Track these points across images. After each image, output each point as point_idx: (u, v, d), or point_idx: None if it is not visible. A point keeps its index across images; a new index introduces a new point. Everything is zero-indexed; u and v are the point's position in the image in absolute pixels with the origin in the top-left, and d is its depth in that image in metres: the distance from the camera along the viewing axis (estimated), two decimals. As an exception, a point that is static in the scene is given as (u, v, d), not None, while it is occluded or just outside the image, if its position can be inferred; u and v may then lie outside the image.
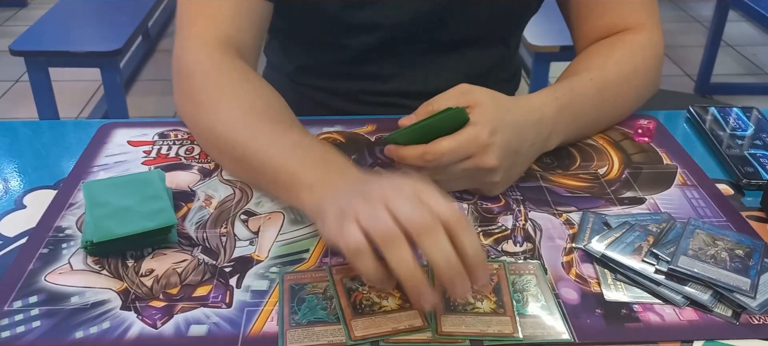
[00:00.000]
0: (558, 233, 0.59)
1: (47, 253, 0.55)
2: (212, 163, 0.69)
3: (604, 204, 0.63)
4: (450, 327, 0.48)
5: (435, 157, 0.57)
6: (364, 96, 0.84)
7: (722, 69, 2.76)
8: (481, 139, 0.57)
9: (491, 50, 0.84)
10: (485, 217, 0.61)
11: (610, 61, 0.72)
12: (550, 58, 1.99)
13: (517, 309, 0.50)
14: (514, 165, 0.62)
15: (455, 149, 0.57)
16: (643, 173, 0.68)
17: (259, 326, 0.48)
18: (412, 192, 0.47)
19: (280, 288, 0.52)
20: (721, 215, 0.61)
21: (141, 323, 0.48)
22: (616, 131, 0.76)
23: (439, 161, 0.57)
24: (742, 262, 0.53)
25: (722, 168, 0.70)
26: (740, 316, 0.50)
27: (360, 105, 0.84)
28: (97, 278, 0.53)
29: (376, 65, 0.81)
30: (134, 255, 0.55)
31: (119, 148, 0.71)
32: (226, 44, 0.69)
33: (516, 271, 0.54)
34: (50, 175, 0.67)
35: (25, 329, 0.48)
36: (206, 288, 0.52)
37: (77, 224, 0.59)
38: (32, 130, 0.76)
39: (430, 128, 0.57)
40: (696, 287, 0.51)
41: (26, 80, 2.05)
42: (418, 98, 0.83)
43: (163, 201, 0.57)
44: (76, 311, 0.49)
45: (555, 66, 1.97)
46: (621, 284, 0.53)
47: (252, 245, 0.57)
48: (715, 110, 0.80)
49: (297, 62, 0.86)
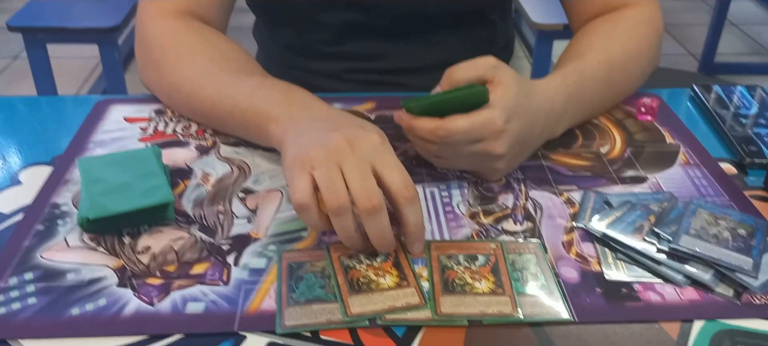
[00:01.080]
0: (559, 212, 0.58)
1: (43, 229, 0.55)
2: (210, 140, 0.68)
3: (605, 183, 0.62)
4: (449, 308, 0.48)
5: (447, 134, 0.55)
6: (351, 75, 0.83)
7: (726, 48, 2.74)
8: (496, 125, 0.55)
9: (479, 25, 0.83)
10: (485, 196, 0.60)
11: (614, 40, 0.71)
12: (553, 36, 1.97)
13: (516, 288, 0.49)
14: (519, 153, 0.61)
15: (468, 130, 0.55)
16: (645, 152, 0.67)
17: (257, 303, 0.48)
18: (367, 155, 0.49)
19: (278, 266, 0.51)
20: (723, 195, 0.61)
21: (138, 300, 0.48)
22: (619, 110, 0.75)
23: (450, 139, 0.55)
24: (745, 241, 0.52)
25: (725, 147, 0.69)
26: (742, 296, 0.49)
27: (348, 83, 0.83)
28: (94, 255, 0.52)
29: (361, 44, 0.81)
30: (131, 232, 0.55)
31: (116, 125, 0.70)
32: (186, 15, 0.71)
33: (516, 250, 0.53)
34: (46, 151, 0.66)
35: (21, 305, 0.47)
36: (203, 266, 0.51)
37: (73, 201, 0.58)
38: (29, 106, 0.75)
39: (448, 103, 0.55)
40: (697, 267, 0.51)
41: (24, 57, 2.03)
42: (405, 75, 0.83)
43: (160, 178, 0.57)
44: (72, 288, 0.49)
45: (558, 44, 1.96)
46: (621, 263, 0.52)
47: (250, 223, 0.56)
48: (719, 89, 0.79)
49: (282, 42, 0.85)
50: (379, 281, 0.50)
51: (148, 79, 0.72)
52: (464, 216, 0.58)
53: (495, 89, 0.56)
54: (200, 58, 0.68)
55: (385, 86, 0.82)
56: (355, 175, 0.48)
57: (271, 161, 0.65)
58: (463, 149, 0.57)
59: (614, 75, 0.70)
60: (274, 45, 0.87)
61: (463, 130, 0.55)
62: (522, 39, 2.68)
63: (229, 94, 0.63)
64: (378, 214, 0.48)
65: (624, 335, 0.46)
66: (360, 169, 0.49)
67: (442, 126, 0.55)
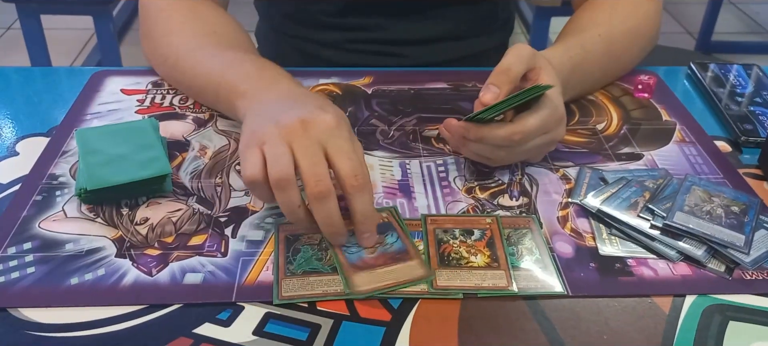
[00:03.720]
0: (554, 188, 0.59)
1: (41, 200, 0.55)
2: (207, 112, 0.68)
3: (601, 160, 0.63)
4: (445, 281, 0.48)
5: (524, 136, 0.54)
6: (352, 45, 0.83)
7: (724, 27, 2.73)
8: (560, 112, 0.56)
9: (479, 3, 0.83)
10: (482, 171, 0.61)
11: (615, 16, 0.71)
12: (551, 13, 1.96)
13: (511, 262, 0.50)
14: None
15: (541, 125, 0.54)
16: (641, 129, 0.68)
17: (255, 275, 0.48)
18: (320, 137, 0.48)
19: (275, 238, 0.52)
20: (718, 172, 0.61)
21: (136, 270, 0.48)
22: (616, 87, 0.75)
23: (526, 140, 0.55)
24: (737, 218, 0.53)
25: (721, 125, 0.70)
26: (733, 271, 0.50)
27: (348, 54, 0.83)
28: (92, 226, 0.52)
29: (364, 15, 0.80)
30: (129, 203, 0.55)
31: (112, 97, 0.70)
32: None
33: (511, 225, 0.54)
34: (43, 122, 0.66)
35: (20, 274, 0.48)
36: (201, 237, 0.52)
37: (71, 172, 0.58)
38: (24, 76, 0.75)
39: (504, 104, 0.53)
40: (690, 243, 0.51)
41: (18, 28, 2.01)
42: (406, 46, 0.83)
43: (158, 150, 0.57)
44: (71, 258, 0.49)
45: (556, 21, 1.95)
46: (615, 238, 0.53)
47: (247, 196, 0.56)
48: (716, 67, 0.79)
49: (282, 12, 0.85)
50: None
51: (146, 51, 0.73)
52: (460, 191, 0.58)
53: (540, 74, 0.56)
54: (187, 32, 0.68)
55: (385, 57, 0.82)
56: (305, 157, 0.47)
57: (268, 134, 0.65)
58: (530, 145, 0.56)
59: (615, 49, 0.70)
60: (275, 15, 0.87)
61: (536, 127, 0.55)
62: (519, 15, 2.67)
63: (206, 68, 0.64)
64: (325, 199, 0.47)
65: (616, 308, 0.47)
66: (310, 152, 0.47)
67: (517, 130, 0.54)
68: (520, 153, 0.57)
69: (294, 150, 0.48)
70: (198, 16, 0.70)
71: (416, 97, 0.72)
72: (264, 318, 0.45)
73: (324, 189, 0.47)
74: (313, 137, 0.48)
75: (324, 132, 0.49)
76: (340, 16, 0.81)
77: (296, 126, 0.49)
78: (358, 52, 0.83)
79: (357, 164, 0.48)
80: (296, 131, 0.48)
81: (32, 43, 1.90)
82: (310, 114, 0.50)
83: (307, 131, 0.48)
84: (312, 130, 0.49)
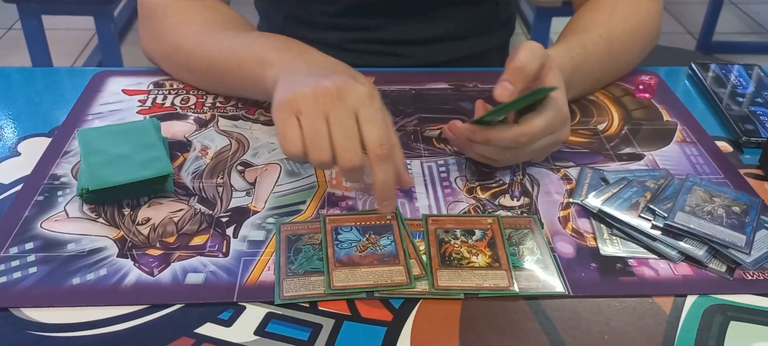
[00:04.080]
0: (555, 188, 0.59)
1: (43, 200, 0.55)
2: (208, 113, 0.68)
3: (602, 160, 0.63)
4: (446, 282, 0.48)
5: (530, 138, 0.54)
6: (353, 45, 0.83)
7: (725, 27, 2.73)
8: (564, 112, 0.56)
9: (481, 4, 0.83)
10: (483, 171, 0.61)
11: (615, 17, 0.71)
12: (551, 13, 1.96)
13: (512, 262, 0.50)
14: None
15: (547, 126, 0.55)
16: (642, 129, 0.68)
17: (256, 275, 0.49)
18: (353, 105, 0.50)
19: (276, 238, 0.52)
20: (719, 172, 0.61)
21: (138, 270, 0.49)
22: (617, 87, 0.75)
23: (533, 141, 0.55)
24: (739, 218, 0.53)
25: (722, 125, 0.70)
26: (734, 271, 0.50)
27: (349, 54, 0.83)
28: (94, 226, 0.53)
29: (365, 16, 0.81)
30: (130, 204, 0.55)
31: (114, 97, 0.70)
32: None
33: (512, 225, 0.54)
34: (44, 122, 0.66)
35: (22, 274, 0.48)
36: (203, 237, 0.52)
37: (73, 172, 0.58)
38: (25, 76, 0.75)
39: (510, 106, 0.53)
40: (691, 243, 0.51)
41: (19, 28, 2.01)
42: (407, 46, 0.83)
43: (159, 150, 0.57)
44: (73, 258, 0.49)
45: (556, 21, 1.95)
46: (617, 238, 0.53)
47: (248, 196, 0.56)
48: (717, 67, 0.79)
49: (284, 13, 0.85)
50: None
51: (150, 47, 0.73)
52: (461, 191, 0.58)
53: (548, 76, 0.56)
54: (200, 19, 0.69)
55: (386, 57, 0.82)
56: (340, 130, 0.50)
57: (269, 135, 0.65)
58: (535, 146, 0.56)
59: (616, 49, 0.70)
60: (276, 15, 0.87)
61: (542, 129, 0.55)
62: (520, 15, 2.67)
63: (228, 47, 0.64)
64: (356, 172, 0.50)
65: (617, 308, 0.47)
66: (345, 125, 0.50)
67: (524, 132, 0.54)
68: (526, 154, 0.57)
69: (329, 120, 0.50)
70: (208, 6, 0.71)
71: (417, 97, 0.72)
72: (265, 318, 0.45)
73: (356, 165, 0.50)
74: (348, 106, 0.50)
75: (357, 100, 0.51)
76: (341, 17, 0.81)
77: (332, 94, 0.50)
78: (359, 53, 0.83)
79: (384, 134, 0.50)
80: (332, 100, 0.50)
81: (33, 44, 1.90)
82: (344, 83, 0.51)
83: (342, 100, 0.50)
84: (347, 98, 0.50)
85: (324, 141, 0.50)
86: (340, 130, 0.50)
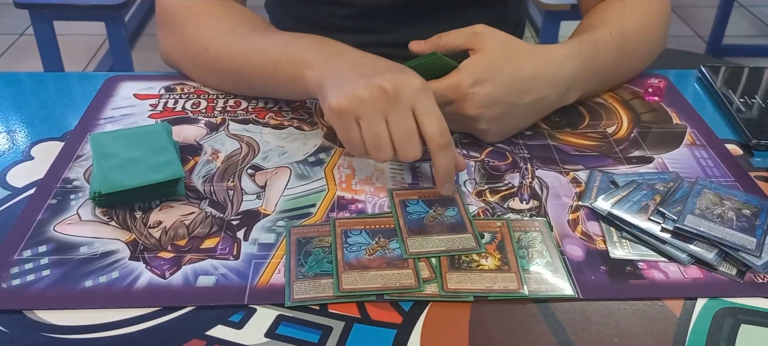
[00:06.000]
0: (565, 191, 0.59)
1: (56, 204, 0.56)
2: (219, 117, 0.68)
3: (611, 163, 0.63)
4: (455, 284, 0.48)
5: None
6: (364, 48, 0.83)
7: (734, 30, 2.72)
8: (462, 88, 0.60)
9: (492, 4, 0.84)
10: (492, 174, 0.61)
11: (625, 16, 0.72)
12: (560, 17, 1.95)
13: (522, 265, 0.50)
14: (507, 116, 0.62)
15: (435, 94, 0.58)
16: (652, 133, 0.68)
17: (267, 277, 0.49)
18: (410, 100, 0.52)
19: (287, 241, 0.52)
20: (729, 175, 0.61)
21: (150, 273, 0.49)
22: (626, 90, 0.75)
23: None
24: (749, 221, 0.53)
25: (732, 128, 0.69)
26: (745, 275, 0.50)
27: None
28: (106, 229, 0.53)
29: (376, 19, 0.81)
30: (142, 207, 0.55)
31: (125, 102, 0.71)
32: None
33: (522, 228, 0.54)
34: (57, 126, 0.67)
35: (35, 277, 0.48)
36: (214, 240, 0.52)
37: (85, 176, 0.59)
38: (37, 81, 0.76)
39: (419, 70, 0.58)
40: (701, 246, 0.51)
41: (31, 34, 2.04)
42: None
43: (171, 154, 0.57)
44: (85, 261, 0.50)
45: (565, 24, 1.94)
46: (626, 241, 0.53)
47: (259, 199, 0.57)
48: (726, 70, 0.79)
49: (294, 15, 0.86)
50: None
51: (171, 50, 0.73)
52: (471, 194, 0.58)
53: (473, 54, 0.61)
54: (226, 22, 0.69)
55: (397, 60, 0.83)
56: (400, 129, 0.52)
57: (279, 138, 0.65)
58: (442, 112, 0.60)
59: (626, 47, 0.71)
60: (286, 18, 0.87)
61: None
62: (529, 19, 2.67)
63: (260, 48, 0.64)
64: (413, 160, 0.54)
65: (627, 311, 0.47)
66: (405, 124, 0.52)
67: None
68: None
69: (389, 121, 0.52)
70: (233, 8, 0.71)
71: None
72: (276, 320, 0.46)
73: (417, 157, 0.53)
74: (404, 102, 0.52)
75: (413, 94, 0.53)
76: (352, 20, 0.81)
77: (388, 93, 0.52)
78: None
79: (443, 123, 0.53)
80: (389, 100, 0.52)
81: (45, 49, 1.92)
82: (397, 78, 0.53)
83: (399, 96, 0.52)
84: (403, 94, 0.52)
85: (386, 143, 0.52)
86: (399, 130, 0.52)
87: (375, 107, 0.52)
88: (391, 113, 0.52)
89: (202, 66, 0.71)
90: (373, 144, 0.53)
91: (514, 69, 0.61)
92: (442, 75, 0.60)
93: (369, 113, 0.52)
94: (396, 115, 0.52)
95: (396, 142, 0.52)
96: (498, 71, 0.60)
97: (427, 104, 0.53)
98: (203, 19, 0.70)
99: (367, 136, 0.53)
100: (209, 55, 0.68)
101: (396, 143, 0.53)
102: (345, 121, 0.53)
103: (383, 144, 0.52)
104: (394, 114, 0.52)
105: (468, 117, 0.61)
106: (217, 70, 0.69)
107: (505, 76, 0.60)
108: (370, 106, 0.52)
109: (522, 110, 0.63)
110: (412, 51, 0.65)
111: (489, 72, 0.60)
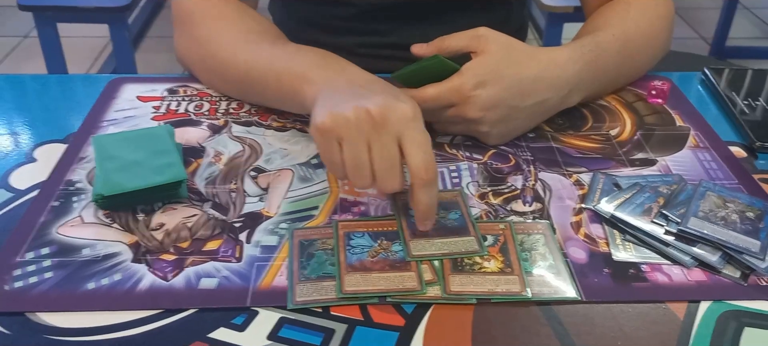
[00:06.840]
0: (567, 194, 0.58)
1: (58, 206, 0.56)
2: (222, 119, 0.68)
3: (615, 165, 0.63)
4: (458, 287, 0.48)
5: (420, 102, 0.56)
6: (366, 49, 0.84)
7: (738, 32, 2.71)
8: (464, 91, 0.59)
9: (495, 6, 0.84)
10: (495, 176, 0.61)
11: (628, 18, 0.72)
12: (563, 19, 1.95)
13: (525, 268, 0.50)
14: (509, 119, 0.62)
15: (437, 97, 0.59)
16: (655, 135, 0.67)
17: (269, 280, 0.49)
18: (396, 129, 0.49)
19: (289, 243, 0.52)
20: (732, 178, 0.61)
21: (152, 275, 0.49)
22: (629, 92, 0.75)
23: (424, 106, 0.56)
24: (753, 224, 0.52)
25: (736, 131, 0.69)
26: (748, 277, 0.50)
27: (362, 58, 0.84)
28: (108, 231, 0.53)
29: (378, 21, 0.81)
30: (145, 209, 0.55)
31: (128, 104, 0.71)
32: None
33: (524, 230, 0.54)
34: (60, 129, 0.67)
35: (38, 279, 0.48)
36: (216, 242, 0.52)
37: (88, 178, 0.59)
38: (40, 83, 0.76)
39: (421, 72, 0.58)
40: (705, 249, 0.51)
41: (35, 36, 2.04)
42: None
43: (173, 156, 0.57)
44: (88, 263, 0.50)
45: (568, 27, 1.94)
46: (629, 244, 0.53)
47: (261, 202, 0.57)
48: (730, 72, 0.79)
49: (297, 16, 0.86)
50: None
51: (184, 50, 0.73)
52: (474, 196, 0.58)
53: (475, 56, 0.61)
54: (238, 28, 0.69)
55: (398, 62, 0.83)
56: (381, 157, 0.49)
57: (282, 141, 0.65)
58: (442, 115, 0.62)
59: (629, 49, 0.70)
60: (289, 19, 0.88)
61: (431, 98, 0.60)
62: (532, 21, 2.67)
63: (266, 59, 0.64)
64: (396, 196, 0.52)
65: (631, 314, 0.47)
66: (387, 154, 0.49)
67: (414, 95, 0.58)
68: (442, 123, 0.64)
69: (371, 148, 0.49)
70: (246, 15, 0.71)
71: (429, 103, 0.72)
72: (278, 323, 0.46)
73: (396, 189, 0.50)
74: (390, 130, 0.49)
75: (400, 122, 0.50)
76: (354, 21, 0.81)
77: (374, 118, 0.49)
78: (371, 57, 0.83)
79: (429, 158, 0.49)
80: (374, 126, 0.49)
81: (49, 51, 1.92)
82: (386, 105, 0.50)
83: (384, 124, 0.49)
84: (389, 121, 0.49)
85: (365, 169, 0.50)
86: (381, 159, 0.49)
87: (359, 130, 0.49)
88: (374, 139, 0.49)
89: (210, 69, 0.71)
90: (352, 167, 0.50)
91: (517, 72, 0.61)
92: (444, 78, 0.60)
93: (352, 136, 0.49)
94: (379, 143, 0.49)
95: (376, 170, 0.50)
96: (500, 74, 0.60)
97: (414, 135, 0.49)
98: (216, 23, 0.69)
99: (347, 159, 0.50)
100: (217, 60, 0.68)
101: (376, 172, 0.50)
102: (327, 141, 0.50)
103: (362, 170, 0.50)
104: (377, 141, 0.49)
105: (470, 120, 0.61)
106: (223, 76, 0.69)
107: (507, 79, 0.60)
108: (354, 128, 0.49)
109: (524, 113, 0.63)
110: (414, 53, 0.65)
111: (491, 75, 0.60)
